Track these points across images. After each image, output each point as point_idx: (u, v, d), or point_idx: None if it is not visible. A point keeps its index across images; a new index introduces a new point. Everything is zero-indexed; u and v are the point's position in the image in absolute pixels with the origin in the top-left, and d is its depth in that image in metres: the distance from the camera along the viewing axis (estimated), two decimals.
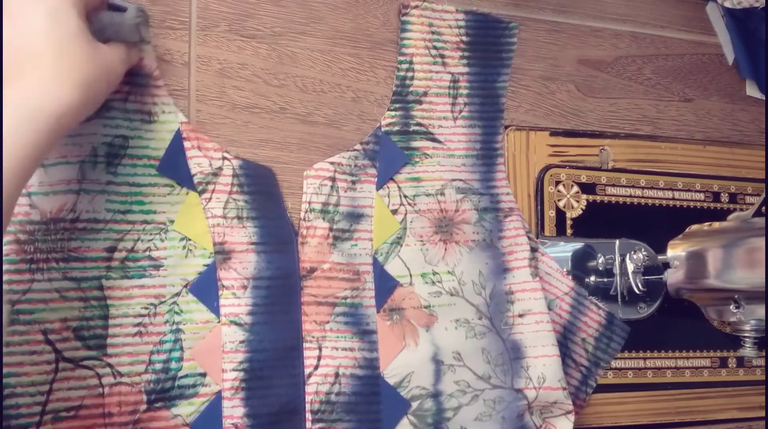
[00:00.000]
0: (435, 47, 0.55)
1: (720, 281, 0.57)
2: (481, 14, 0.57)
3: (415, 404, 0.50)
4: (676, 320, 0.61)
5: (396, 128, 0.54)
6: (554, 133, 0.60)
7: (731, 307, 0.58)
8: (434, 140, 0.54)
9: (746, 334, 0.59)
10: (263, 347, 0.47)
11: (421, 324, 0.51)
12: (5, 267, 0.43)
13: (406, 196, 0.53)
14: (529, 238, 0.54)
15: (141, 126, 0.47)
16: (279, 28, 0.54)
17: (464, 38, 0.56)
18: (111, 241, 0.46)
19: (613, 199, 0.60)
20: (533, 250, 0.54)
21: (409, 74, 0.55)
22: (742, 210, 0.63)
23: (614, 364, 0.58)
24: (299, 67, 0.54)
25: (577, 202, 0.59)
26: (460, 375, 0.51)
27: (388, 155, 0.53)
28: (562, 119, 0.60)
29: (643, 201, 0.61)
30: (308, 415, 0.48)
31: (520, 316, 0.52)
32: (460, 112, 0.55)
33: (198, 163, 0.48)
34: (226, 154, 0.49)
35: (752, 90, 0.67)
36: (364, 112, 0.55)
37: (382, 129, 0.53)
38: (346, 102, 0.55)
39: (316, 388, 0.48)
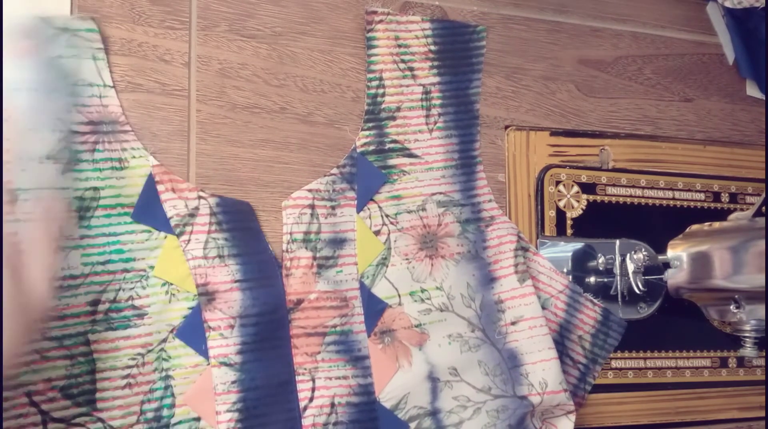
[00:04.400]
0: (403, 60, 0.54)
1: (720, 281, 0.57)
2: (448, 21, 0.57)
3: (413, 424, 0.49)
4: (676, 320, 0.61)
5: (371, 148, 0.53)
6: (554, 133, 0.60)
7: (731, 307, 0.57)
8: (411, 156, 0.53)
9: (746, 334, 0.59)
10: (256, 385, 0.47)
11: (414, 343, 0.51)
12: None
13: (387, 216, 0.52)
14: (520, 237, 0.54)
15: (111, 174, 0.47)
16: (279, 28, 0.54)
17: (432, 47, 0.55)
18: (93, 295, 0.45)
19: (614, 199, 0.60)
20: (524, 249, 0.54)
21: (380, 91, 0.54)
22: (742, 210, 0.63)
23: (614, 364, 0.58)
24: (299, 67, 0.54)
25: (578, 202, 0.59)
26: (458, 390, 0.50)
27: (366, 176, 0.52)
28: (563, 119, 0.60)
29: (643, 201, 0.61)
30: None
31: (513, 323, 0.52)
32: (435, 123, 0.54)
33: (173, 205, 0.47)
34: (201, 194, 0.48)
35: (752, 90, 0.67)
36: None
37: (358, 150, 0.53)
38: (346, 102, 0.55)
39: (312, 420, 0.48)
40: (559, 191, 0.59)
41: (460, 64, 0.56)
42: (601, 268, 0.57)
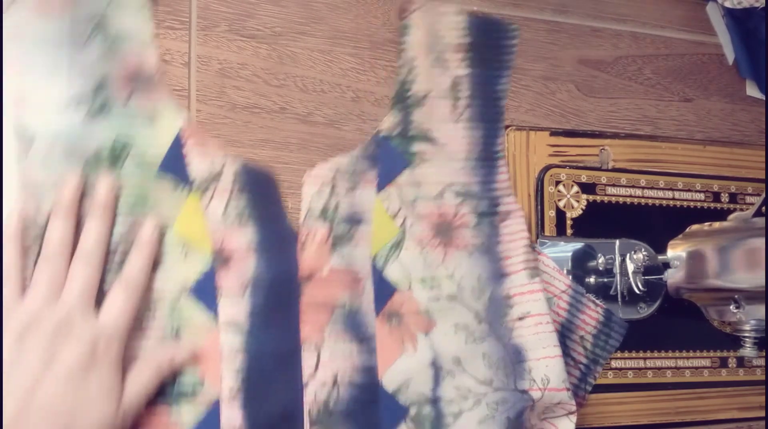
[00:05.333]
0: (436, 50, 0.55)
1: (720, 281, 0.57)
2: (482, 16, 0.57)
3: (413, 410, 0.49)
4: (676, 320, 0.61)
5: (396, 132, 0.53)
6: (554, 133, 0.60)
7: (731, 307, 0.58)
8: (434, 144, 0.54)
9: (746, 334, 0.59)
10: (262, 352, 0.47)
11: (420, 329, 0.51)
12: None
13: (405, 200, 0.52)
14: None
15: (143, 127, 0.47)
16: (279, 28, 0.54)
17: (465, 40, 0.55)
18: (112, 243, 0.45)
19: (614, 199, 0.60)
20: (530, 250, 0.54)
21: (410, 77, 0.54)
22: (742, 210, 0.63)
23: (614, 364, 0.58)
24: (299, 67, 0.54)
25: (577, 202, 0.59)
26: (460, 380, 0.50)
27: (388, 159, 0.53)
28: (562, 119, 0.61)
29: (643, 201, 0.61)
30: (306, 422, 0.47)
31: (520, 319, 0.52)
32: (461, 114, 0.54)
33: (199, 164, 0.48)
34: (227, 157, 0.49)
35: (752, 90, 0.67)
36: (364, 112, 0.55)
37: (382, 133, 0.53)
38: (346, 102, 0.55)
39: (314, 395, 0.48)
40: (559, 191, 0.59)
41: (491, 59, 0.56)
42: (601, 268, 0.57)
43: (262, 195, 0.49)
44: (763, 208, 0.60)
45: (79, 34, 0.47)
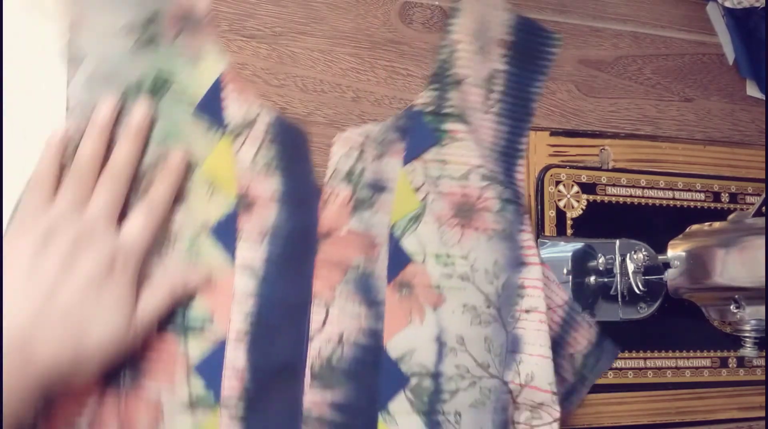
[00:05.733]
0: (481, 39, 0.56)
1: (720, 281, 0.57)
2: (529, 19, 0.58)
3: (413, 381, 0.50)
4: (676, 320, 0.60)
5: (430, 108, 0.54)
6: (554, 132, 0.60)
7: (732, 307, 0.57)
8: (466, 125, 0.54)
9: (747, 334, 0.59)
10: (273, 299, 0.48)
11: (429, 303, 0.51)
12: None
13: (430, 176, 0.53)
14: None
15: (186, 65, 0.49)
16: (279, 28, 0.54)
17: (509, 38, 0.57)
18: (142, 167, 0.47)
19: (614, 199, 0.60)
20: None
21: (451, 59, 0.55)
22: (742, 210, 0.63)
23: (614, 364, 0.58)
24: (299, 67, 0.54)
25: (578, 202, 0.59)
26: (461, 359, 0.51)
27: (418, 133, 0.53)
28: (563, 119, 0.60)
29: (643, 201, 0.61)
30: (308, 375, 0.48)
31: (527, 312, 0.52)
32: (492, 106, 0.55)
33: (235, 109, 0.49)
34: (263, 106, 0.50)
35: (752, 90, 0.67)
36: (364, 112, 0.55)
37: (416, 107, 0.54)
38: (346, 102, 0.55)
39: (318, 349, 0.48)
40: (559, 191, 0.59)
41: (529, 62, 0.57)
42: (601, 268, 0.57)
43: (292, 148, 0.50)
44: (763, 208, 0.60)
45: None
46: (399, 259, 0.51)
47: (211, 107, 0.49)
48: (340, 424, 0.47)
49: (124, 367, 0.44)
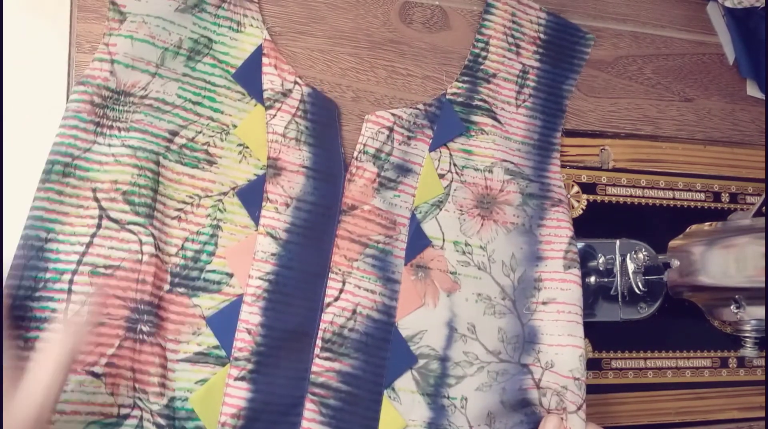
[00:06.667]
0: (513, 36, 0.57)
1: (720, 281, 0.57)
2: (562, 19, 0.59)
3: (421, 362, 0.50)
4: (676, 320, 0.60)
5: (460, 99, 0.55)
6: None
7: (732, 307, 0.57)
8: (495, 119, 0.55)
9: (747, 334, 0.59)
10: (292, 265, 0.49)
11: (444, 288, 0.52)
12: (75, 122, 0.46)
13: (455, 165, 0.54)
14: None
15: (227, 33, 0.51)
16: (279, 28, 0.54)
17: (542, 35, 0.58)
18: (174, 126, 0.48)
19: (614, 199, 0.60)
20: (573, 242, 0.55)
21: (483, 53, 0.56)
22: (742, 210, 0.63)
23: (614, 364, 0.58)
24: (299, 67, 0.54)
25: (578, 202, 0.59)
26: (470, 347, 0.51)
27: (447, 122, 0.54)
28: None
29: (643, 201, 0.61)
30: (318, 342, 0.49)
31: (543, 303, 0.53)
32: (524, 101, 0.57)
33: (271, 80, 0.51)
34: (298, 80, 0.52)
35: (753, 90, 0.67)
36: (364, 111, 0.55)
37: (447, 97, 0.55)
38: (346, 102, 0.55)
39: (332, 318, 0.49)
40: None
41: (562, 59, 0.59)
42: (601, 268, 0.57)
43: (323, 123, 0.52)
44: (763, 208, 0.60)
45: None
46: (418, 242, 0.52)
47: (248, 76, 0.50)
48: (345, 393, 0.48)
49: (140, 319, 0.45)
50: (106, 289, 0.44)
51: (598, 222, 0.59)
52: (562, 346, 0.52)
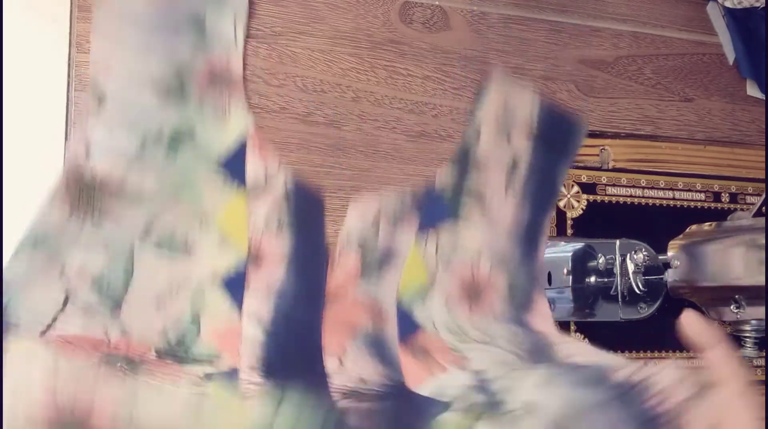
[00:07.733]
0: (505, 122, 0.56)
1: (720, 281, 0.57)
2: (554, 104, 0.58)
3: (456, 404, 0.46)
4: (676, 320, 0.60)
5: (449, 186, 0.54)
6: None
7: (731, 307, 0.57)
8: (483, 207, 0.54)
9: (747, 335, 0.59)
10: (282, 351, 0.46)
11: (451, 363, 0.49)
12: (52, 201, 0.44)
13: (441, 252, 0.52)
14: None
15: (211, 122, 0.49)
16: (279, 28, 0.54)
17: (534, 123, 0.56)
18: (151, 215, 0.46)
19: (614, 199, 0.60)
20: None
21: (474, 140, 0.55)
22: (742, 210, 0.63)
23: None
24: (299, 67, 0.54)
25: (578, 202, 0.59)
26: (505, 381, 0.47)
27: (434, 208, 0.53)
28: None
29: (643, 201, 0.61)
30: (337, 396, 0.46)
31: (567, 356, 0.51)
32: (515, 188, 0.55)
33: (255, 168, 0.49)
34: (282, 166, 0.50)
35: (753, 90, 0.67)
36: (364, 112, 0.55)
37: (436, 185, 0.54)
38: (346, 102, 0.55)
39: (341, 383, 0.46)
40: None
41: (554, 147, 0.57)
42: (601, 269, 0.57)
43: (306, 211, 0.50)
44: (763, 208, 0.60)
45: (175, 23, 0.48)
46: (408, 326, 0.50)
47: (233, 164, 0.49)
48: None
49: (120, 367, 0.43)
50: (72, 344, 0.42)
51: (597, 222, 0.59)
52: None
